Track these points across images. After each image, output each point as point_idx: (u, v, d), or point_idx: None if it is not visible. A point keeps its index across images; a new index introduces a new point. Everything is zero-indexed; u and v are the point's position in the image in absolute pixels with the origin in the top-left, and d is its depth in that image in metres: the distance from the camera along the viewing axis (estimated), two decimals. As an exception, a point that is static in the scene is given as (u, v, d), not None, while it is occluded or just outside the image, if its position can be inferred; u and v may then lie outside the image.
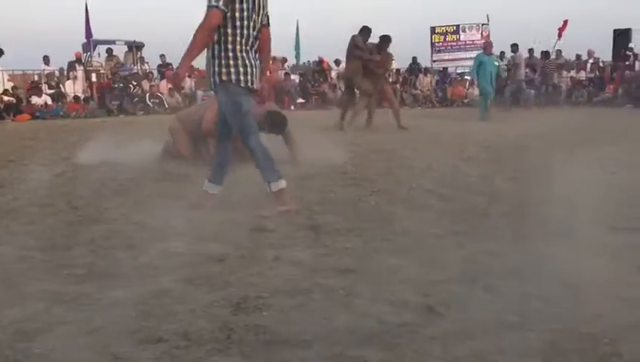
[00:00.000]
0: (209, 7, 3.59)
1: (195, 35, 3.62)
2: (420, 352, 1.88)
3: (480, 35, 20.41)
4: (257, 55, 3.85)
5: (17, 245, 3.15)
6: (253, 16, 3.72)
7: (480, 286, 2.46)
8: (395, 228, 3.40)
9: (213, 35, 3.66)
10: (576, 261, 2.79)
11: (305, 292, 2.41)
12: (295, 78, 19.54)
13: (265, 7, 3.84)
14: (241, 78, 3.72)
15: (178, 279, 2.59)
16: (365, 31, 10.03)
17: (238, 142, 4.43)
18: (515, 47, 17.67)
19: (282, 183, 3.83)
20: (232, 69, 3.71)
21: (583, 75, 18.42)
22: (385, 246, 3.09)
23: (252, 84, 3.76)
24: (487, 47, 13.06)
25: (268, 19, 3.91)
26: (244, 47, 3.72)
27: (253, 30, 3.75)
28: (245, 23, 3.69)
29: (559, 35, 17.79)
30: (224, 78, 3.72)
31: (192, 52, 3.67)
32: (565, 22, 17.44)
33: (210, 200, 3.99)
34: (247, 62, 3.73)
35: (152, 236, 3.29)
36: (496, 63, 13.04)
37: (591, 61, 18.58)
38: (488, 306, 2.26)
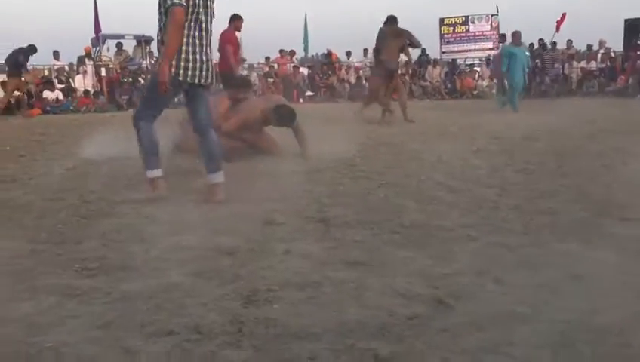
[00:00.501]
0: (172, 4, 3.71)
1: (170, 35, 3.75)
2: (429, 344, 1.89)
3: (489, 26, 20.28)
4: (207, 50, 3.98)
5: (29, 239, 3.17)
6: (201, 12, 3.86)
7: (490, 278, 2.46)
8: (404, 221, 3.39)
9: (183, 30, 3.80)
10: (586, 252, 2.78)
11: (315, 285, 2.41)
12: (304, 70, 19.51)
13: (212, 3, 3.97)
14: (178, 71, 3.85)
15: (188, 272, 2.60)
16: (393, 21, 9.94)
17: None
18: (502, 38, 17.61)
19: (157, 172, 4.03)
20: (173, 62, 3.82)
21: (594, 65, 18.26)
22: (394, 238, 3.09)
23: (190, 78, 3.88)
24: (516, 37, 12.08)
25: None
26: (190, 41, 3.85)
27: (205, 22, 3.90)
28: (194, 16, 3.82)
29: (557, 28, 17.73)
30: (162, 68, 3.82)
31: (170, 51, 3.80)
32: (563, 15, 17.42)
33: (161, 185, 4.06)
34: (190, 56, 3.86)
35: (162, 230, 3.31)
36: (527, 53, 12.41)
37: (602, 51, 18.42)
38: (498, 298, 2.26)
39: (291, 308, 2.19)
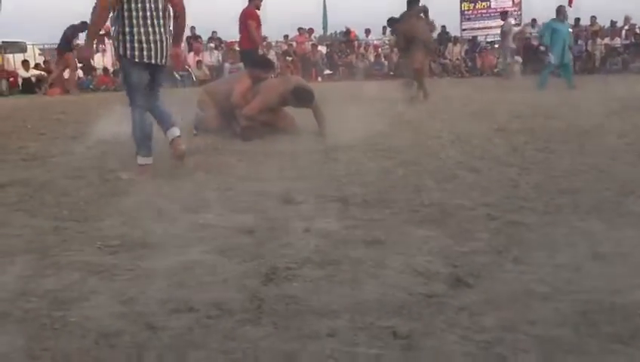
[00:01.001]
0: None
1: (92, 16, 4.18)
2: (448, 323, 1.89)
3: (511, 2, 19.96)
4: (165, 30, 4.16)
5: (52, 216, 3.22)
6: None
7: (509, 258, 2.45)
8: (423, 200, 3.38)
9: (107, 13, 4.04)
10: (607, 231, 2.76)
11: (334, 263, 2.42)
12: (322, 49, 19.39)
13: None
14: (136, 53, 4.02)
15: (209, 250, 2.63)
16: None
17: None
18: (504, 15, 17.37)
19: (148, 160, 4.22)
20: (128, 45, 4.02)
21: (618, 41, 17.90)
22: (413, 217, 3.08)
23: (150, 59, 4.07)
24: (560, 12, 11.59)
25: None
26: (141, 24, 4.01)
27: (155, 7, 4.05)
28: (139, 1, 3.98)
29: (570, 3, 17.42)
30: (121, 52, 4.07)
31: (91, 31, 4.40)
32: None
33: (146, 172, 4.20)
34: (143, 37, 4.02)
35: (182, 208, 3.34)
36: (570, 30, 11.94)
37: (626, 27, 18.03)
38: (518, 277, 2.25)
39: (311, 286, 2.20)
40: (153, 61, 4.08)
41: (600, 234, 2.73)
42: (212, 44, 18.98)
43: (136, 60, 4.03)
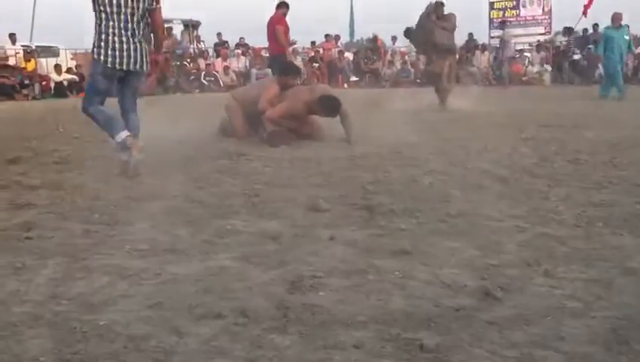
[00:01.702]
0: None
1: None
2: (476, 337, 1.87)
3: (541, 10, 19.74)
4: (139, 38, 4.38)
5: (83, 220, 3.27)
6: (122, 3, 4.25)
7: (539, 271, 2.41)
8: (450, 210, 3.35)
9: None
10: (639, 246, 2.70)
11: (360, 273, 2.41)
12: (349, 55, 19.40)
13: None
14: (107, 59, 4.29)
15: (235, 256, 2.64)
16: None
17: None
18: (502, 24, 17.29)
19: (124, 134, 4.36)
20: (102, 50, 4.30)
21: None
22: (440, 227, 3.06)
23: (122, 65, 4.33)
24: (615, 19, 11.32)
25: (154, 3, 4.43)
26: (115, 31, 4.28)
27: (131, 14, 4.30)
28: (116, 9, 4.25)
29: (584, 13, 17.30)
30: (95, 56, 4.36)
31: None
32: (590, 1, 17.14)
33: (133, 143, 4.38)
34: (117, 45, 4.29)
35: (210, 213, 3.36)
36: (627, 37, 11.46)
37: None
38: (548, 292, 2.22)
39: (337, 296, 2.20)
40: (125, 67, 4.36)
41: (631, 248, 2.68)
42: (239, 50, 19.14)
43: (109, 66, 4.31)
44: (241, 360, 1.75)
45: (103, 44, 4.29)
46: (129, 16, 4.29)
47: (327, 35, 19.84)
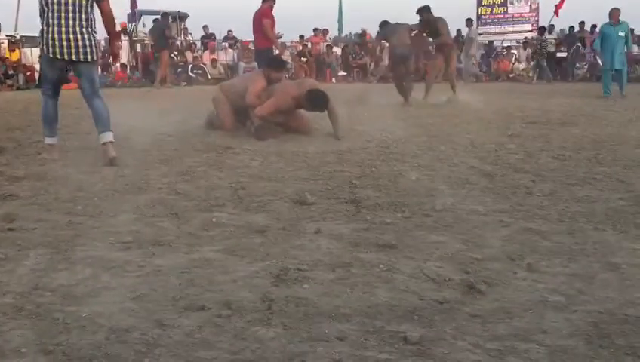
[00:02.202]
0: None
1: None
2: (460, 330, 1.88)
3: (529, 8, 19.80)
4: (82, 28, 4.48)
5: (66, 211, 3.24)
6: None
7: (522, 266, 2.43)
8: (436, 205, 3.37)
9: None
10: (621, 241, 2.73)
11: (345, 266, 2.42)
12: (337, 50, 19.36)
13: None
14: (48, 49, 4.44)
15: (220, 249, 2.63)
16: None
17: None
18: (469, 22, 17.48)
19: (49, 140, 4.83)
20: (43, 41, 4.48)
21: (635, 49, 17.70)
22: (426, 222, 3.07)
23: (63, 55, 4.45)
24: (611, 15, 10.88)
25: None
26: (55, 22, 4.40)
27: (72, 5, 4.41)
28: (56, 0, 4.37)
29: (556, 12, 17.56)
30: (40, 46, 4.58)
31: None
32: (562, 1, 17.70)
33: (53, 151, 4.81)
34: (55, 35, 4.41)
35: (195, 206, 3.35)
36: (621, 34, 10.89)
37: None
38: (530, 285, 2.23)
39: (321, 288, 2.20)
40: (66, 57, 4.47)
41: (614, 244, 2.71)
42: (226, 43, 19.03)
43: (50, 55, 4.46)
44: (225, 352, 1.75)
45: (44, 34, 4.44)
46: (70, 7, 4.41)
47: (315, 30, 19.78)
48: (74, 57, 4.48)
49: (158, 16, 18.75)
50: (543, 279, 2.29)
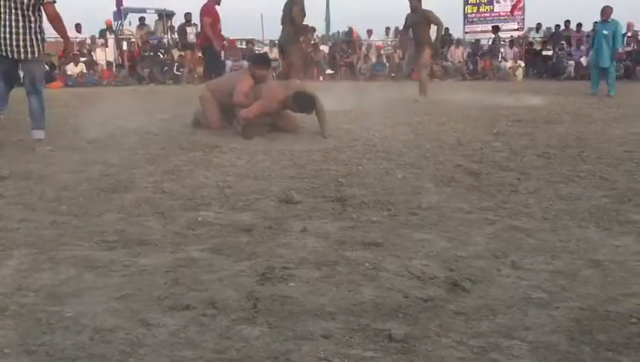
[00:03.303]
0: None
1: None
2: (444, 327, 1.89)
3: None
4: (26, 28, 4.89)
5: (50, 210, 3.22)
6: None
7: (507, 263, 2.45)
8: (421, 203, 3.38)
9: None
10: (604, 239, 2.76)
11: (331, 264, 2.43)
12: (324, 48, 19.35)
13: None
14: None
15: (206, 248, 2.63)
16: None
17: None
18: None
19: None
20: None
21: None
22: (411, 220, 3.08)
23: (7, 53, 4.87)
24: (603, 13, 10.89)
25: None
26: (1, 23, 4.80)
27: (15, 7, 4.79)
28: (2, 2, 4.77)
29: (511, 12, 17.97)
30: None
31: None
32: (519, 0, 18.65)
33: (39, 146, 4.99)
34: (1, 35, 4.82)
35: (181, 205, 3.34)
36: (605, 32, 10.82)
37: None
38: (514, 282, 2.25)
39: (307, 287, 2.20)
40: (10, 55, 4.88)
41: (597, 241, 2.74)
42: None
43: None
44: (210, 351, 1.75)
45: None
46: (14, 9, 4.79)
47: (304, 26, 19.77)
48: (16, 56, 4.91)
49: (144, 14, 18.66)
50: (526, 276, 2.32)
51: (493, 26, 18.90)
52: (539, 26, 19.46)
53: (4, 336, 1.82)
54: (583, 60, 16.17)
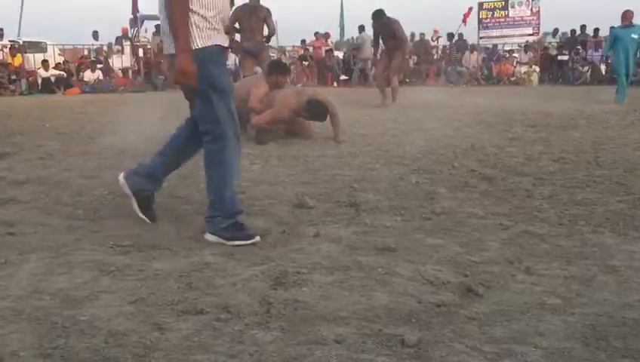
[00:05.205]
0: None
1: None
2: (457, 332, 1.88)
3: (530, 11, 19.78)
4: None
5: (66, 215, 3.26)
6: None
7: (521, 268, 2.43)
8: (435, 208, 3.37)
9: None
10: (620, 244, 2.73)
11: (344, 269, 2.42)
12: (338, 54, 19.38)
13: None
14: None
15: (219, 253, 2.64)
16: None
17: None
18: (361, 28, 17.64)
19: None
20: None
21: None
22: (425, 225, 3.07)
23: None
24: (625, 17, 10.23)
25: None
26: None
27: None
28: None
29: (464, 21, 18.78)
30: None
31: None
32: (470, 8, 18.78)
33: None
34: None
35: (195, 210, 3.36)
36: (635, 36, 10.19)
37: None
38: (529, 288, 2.24)
39: (320, 291, 2.20)
40: None
41: (612, 246, 2.71)
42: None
43: None
44: (223, 355, 1.75)
45: None
46: None
47: (316, 33, 19.81)
48: None
49: (159, 22, 18.78)
50: (541, 282, 2.30)
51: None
52: (556, 31, 19.34)
53: (20, 339, 1.84)
54: (602, 67, 15.97)
